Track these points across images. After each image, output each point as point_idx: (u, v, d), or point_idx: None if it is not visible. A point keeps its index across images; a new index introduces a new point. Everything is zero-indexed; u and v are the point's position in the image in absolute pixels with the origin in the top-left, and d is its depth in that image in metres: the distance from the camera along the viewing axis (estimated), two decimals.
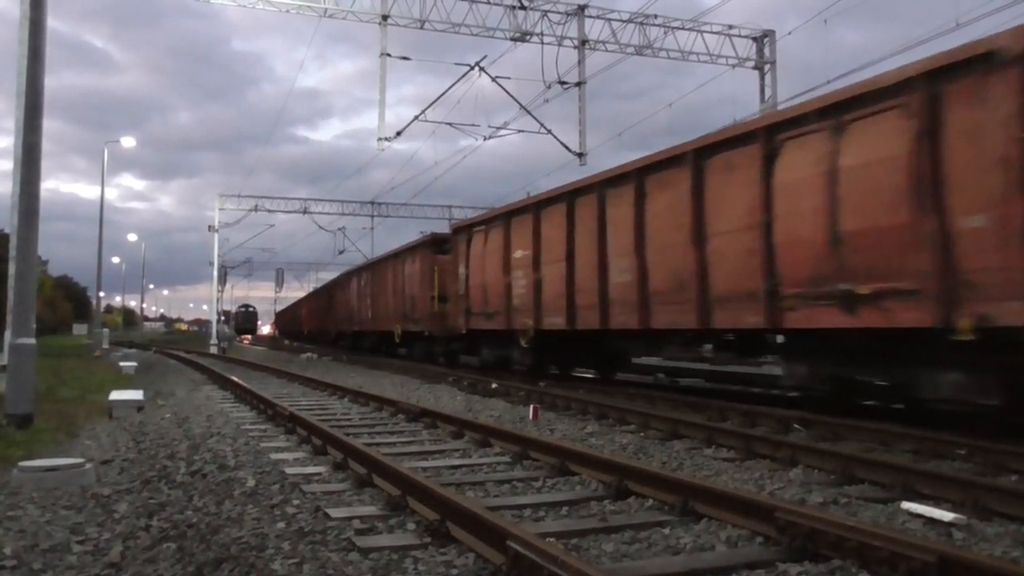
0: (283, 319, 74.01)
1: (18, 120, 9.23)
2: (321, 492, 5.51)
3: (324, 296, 42.58)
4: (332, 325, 38.22)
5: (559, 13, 20.62)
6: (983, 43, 6.79)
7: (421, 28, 19.59)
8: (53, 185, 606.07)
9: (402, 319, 23.08)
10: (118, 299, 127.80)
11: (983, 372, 7.03)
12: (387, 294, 25.11)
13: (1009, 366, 6.77)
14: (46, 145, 9.66)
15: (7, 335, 9.30)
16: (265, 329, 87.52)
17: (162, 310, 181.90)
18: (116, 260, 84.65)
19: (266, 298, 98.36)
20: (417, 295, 21.22)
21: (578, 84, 20.68)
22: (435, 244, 20.43)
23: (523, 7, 20.21)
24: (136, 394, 11.59)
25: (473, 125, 21.44)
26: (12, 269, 9.07)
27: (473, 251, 16.66)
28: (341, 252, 45.01)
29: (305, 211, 40.88)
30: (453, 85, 20.40)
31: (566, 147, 21.23)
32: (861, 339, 8.06)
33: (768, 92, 22.27)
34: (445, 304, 18.90)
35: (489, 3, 20.03)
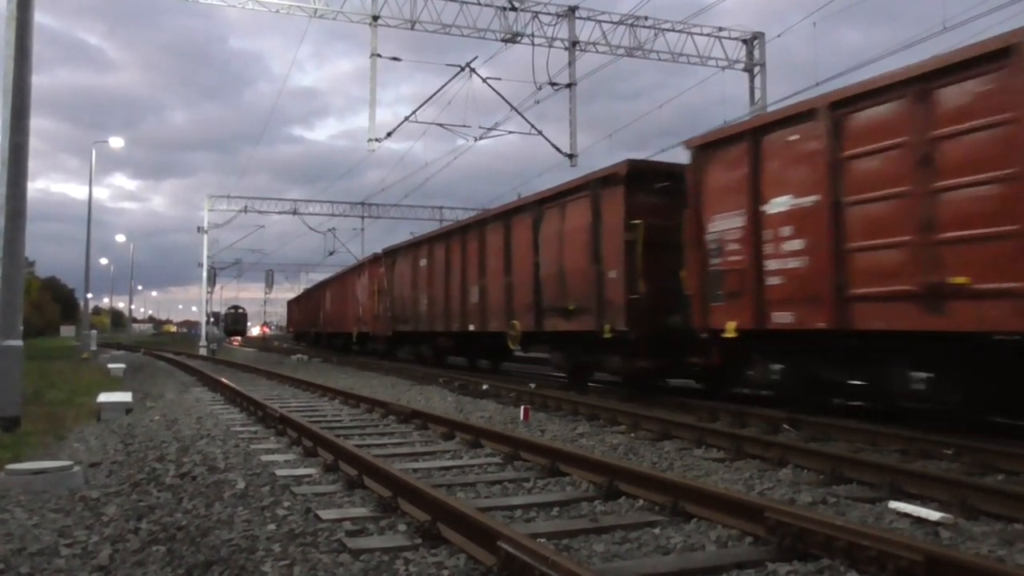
0: (297, 315, 54.10)
1: (4, 120, 9.15)
2: (312, 494, 5.50)
3: (354, 283, 28.82)
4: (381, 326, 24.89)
5: (550, 15, 20.65)
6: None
7: (411, 29, 19.58)
8: (43, 185, 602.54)
9: (520, 311, 14.55)
10: (106, 301, 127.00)
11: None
12: (485, 274, 16.30)
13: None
14: (36, 144, 9.62)
15: None
16: (255, 330, 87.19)
17: (151, 312, 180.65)
18: (104, 261, 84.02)
19: (256, 299, 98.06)
20: (578, 272, 12.53)
21: (569, 85, 20.72)
22: (632, 181, 11.41)
23: (514, 8, 20.22)
24: (125, 396, 11.53)
25: (464, 126, 21.44)
26: None
27: (794, 176, 8.62)
28: (331, 253, 44.89)
29: (295, 212, 40.79)
30: (444, 86, 20.40)
31: (556, 148, 21.26)
32: None
33: (758, 94, 22.35)
34: (666, 288, 10.90)
35: (480, 4, 20.03)
